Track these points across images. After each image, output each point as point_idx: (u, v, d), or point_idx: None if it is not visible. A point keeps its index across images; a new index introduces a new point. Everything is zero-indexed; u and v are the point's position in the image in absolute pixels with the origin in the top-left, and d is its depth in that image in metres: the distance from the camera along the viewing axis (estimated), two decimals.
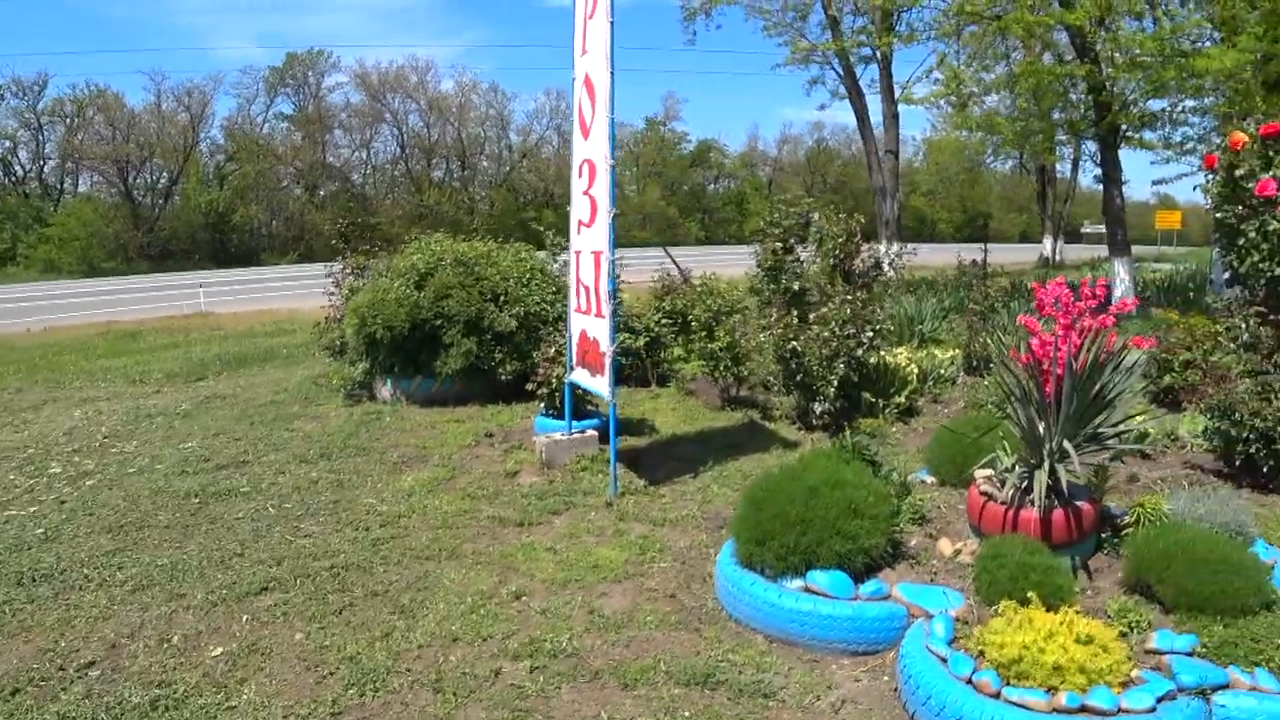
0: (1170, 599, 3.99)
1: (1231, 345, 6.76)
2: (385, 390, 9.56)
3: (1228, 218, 6.98)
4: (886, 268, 16.81)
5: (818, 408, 7.81)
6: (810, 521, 4.26)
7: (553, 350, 7.67)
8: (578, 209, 6.62)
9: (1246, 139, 6.87)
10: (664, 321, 9.96)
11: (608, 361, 6.18)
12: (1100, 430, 4.60)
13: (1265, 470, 6.27)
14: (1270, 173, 6.55)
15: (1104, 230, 16.15)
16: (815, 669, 3.98)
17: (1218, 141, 11.01)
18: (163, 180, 50.07)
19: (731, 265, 17.07)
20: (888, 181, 20.78)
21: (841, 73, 21.18)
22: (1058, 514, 4.39)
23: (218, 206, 47.82)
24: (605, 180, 6.03)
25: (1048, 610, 3.76)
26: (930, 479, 5.88)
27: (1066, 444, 4.34)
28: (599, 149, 6.12)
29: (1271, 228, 6.49)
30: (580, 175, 6.55)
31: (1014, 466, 4.72)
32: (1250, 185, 6.61)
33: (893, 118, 21.12)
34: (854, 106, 21.26)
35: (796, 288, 8.17)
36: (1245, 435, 6.20)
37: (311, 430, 8.48)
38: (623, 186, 56.86)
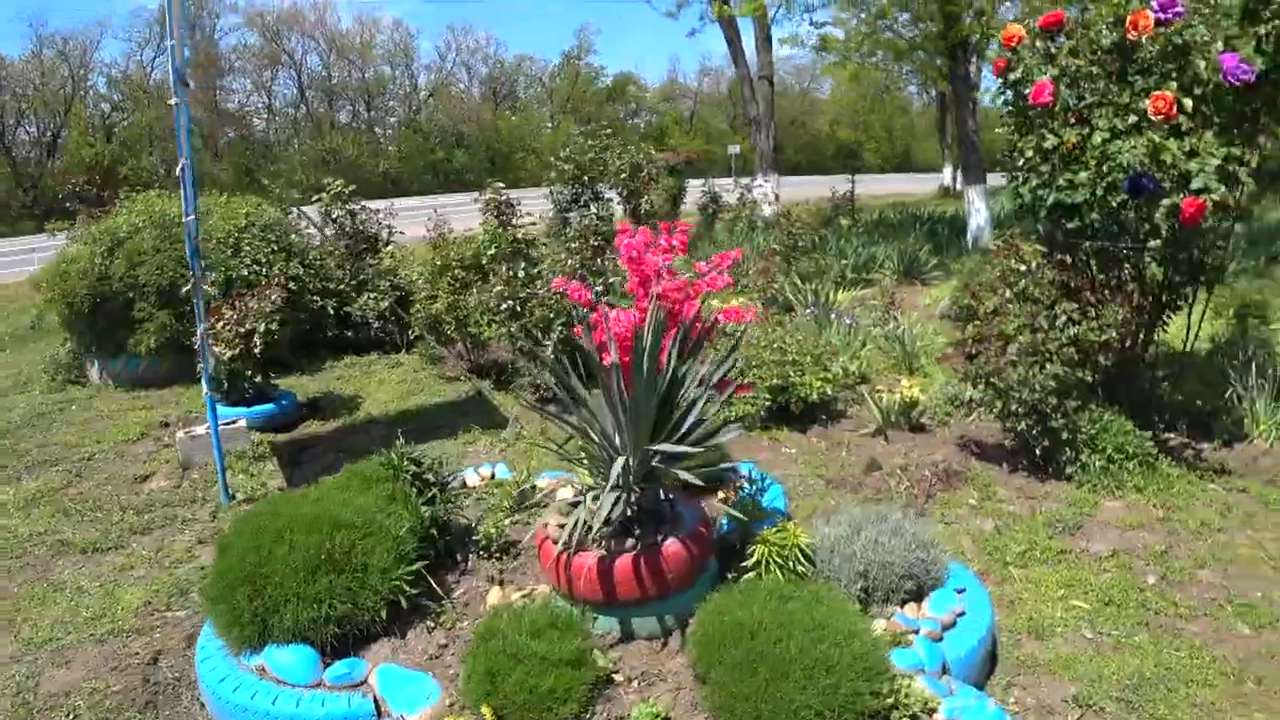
0: (715, 709, 2.79)
1: (1008, 294, 5.65)
2: (94, 372, 8.34)
3: (1009, 133, 5.84)
4: (760, 203, 15.75)
5: (542, 379, 6.72)
6: (268, 577, 3.15)
7: (219, 324, 6.48)
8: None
9: (1023, 33, 5.66)
10: (419, 280, 8.71)
11: (199, 340, 5.02)
12: (677, 447, 3.26)
13: (1039, 452, 5.12)
14: (1047, 72, 5.38)
15: None
16: None
17: None
18: (47, 135, 47.15)
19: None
20: (762, 110, 19.48)
21: None
22: (622, 562, 3.18)
23: (103, 160, 45.07)
24: (179, 119, 4.76)
25: None
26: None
27: (618, 463, 3.25)
28: (173, 79, 4.83)
29: (1049, 143, 5.26)
30: None
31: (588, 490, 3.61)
32: (1026, 90, 5.43)
33: (765, 40, 19.76)
34: (724, 31, 19.82)
35: (520, 236, 6.99)
36: (1014, 409, 5.09)
37: None
38: (537, 123, 54.82)
